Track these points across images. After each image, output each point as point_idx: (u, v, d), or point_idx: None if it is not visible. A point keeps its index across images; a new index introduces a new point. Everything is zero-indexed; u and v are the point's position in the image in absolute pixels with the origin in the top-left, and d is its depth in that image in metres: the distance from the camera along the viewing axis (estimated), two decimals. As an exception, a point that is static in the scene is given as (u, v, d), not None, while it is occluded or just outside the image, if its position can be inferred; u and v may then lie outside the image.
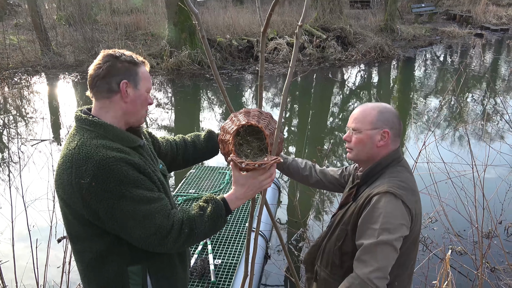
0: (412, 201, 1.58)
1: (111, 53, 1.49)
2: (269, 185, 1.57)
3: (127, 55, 1.51)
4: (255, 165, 1.47)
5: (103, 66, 1.46)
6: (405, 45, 14.19)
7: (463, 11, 18.94)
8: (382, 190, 1.57)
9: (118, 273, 1.51)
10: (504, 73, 10.88)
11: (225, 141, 1.58)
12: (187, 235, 1.46)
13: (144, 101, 1.54)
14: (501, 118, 6.56)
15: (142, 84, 1.52)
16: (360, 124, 1.68)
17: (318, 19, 14.39)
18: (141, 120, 1.58)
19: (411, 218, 1.57)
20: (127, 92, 1.48)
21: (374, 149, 1.68)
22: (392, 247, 1.53)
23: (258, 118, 1.56)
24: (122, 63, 1.48)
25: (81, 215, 1.41)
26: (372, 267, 1.52)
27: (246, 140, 1.62)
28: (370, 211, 1.57)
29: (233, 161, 1.50)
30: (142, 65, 1.55)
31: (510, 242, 3.73)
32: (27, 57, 11.82)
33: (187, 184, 4.04)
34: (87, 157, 1.36)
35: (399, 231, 1.53)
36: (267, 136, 1.53)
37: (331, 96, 9.50)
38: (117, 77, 1.47)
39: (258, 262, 3.07)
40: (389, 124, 1.66)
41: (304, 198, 4.53)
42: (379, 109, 1.68)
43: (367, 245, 1.54)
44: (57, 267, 3.41)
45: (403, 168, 1.69)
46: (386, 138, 1.66)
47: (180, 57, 11.12)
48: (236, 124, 1.56)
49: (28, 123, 7.68)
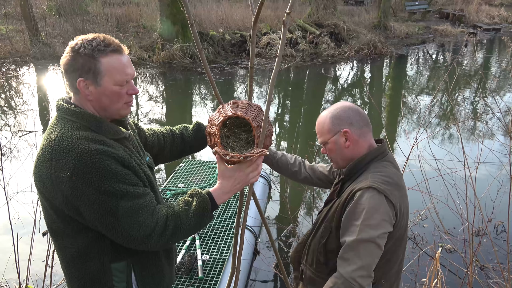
0: (397, 196, 1.54)
1: (73, 45, 1.35)
2: (255, 179, 1.52)
3: (93, 45, 1.34)
4: (240, 157, 1.41)
5: (64, 60, 1.36)
6: (398, 42, 14.22)
7: (456, 10, 19.02)
8: (364, 185, 1.53)
9: (100, 269, 1.45)
10: (496, 71, 10.95)
11: (212, 133, 1.53)
12: (172, 232, 1.40)
13: (114, 95, 1.39)
14: (492, 116, 6.59)
15: (106, 78, 1.36)
16: (323, 137, 1.68)
17: (312, 15, 14.35)
18: (121, 113, 1.46)
19: (395, 214, 1.52)
20: (89, 89, 1.37)
21: (346, 151, 1.65)
22: (375, 244, 1.48)
23: (246, 110, 1.51)
24: (81, 57, 1.33)
25: (61, 210, 1.35)
26: (355, 265, 1.48)
27: (233, 133, 1.58)
28: (353, 207, 1.53)
29: (217, 153, 1.45)
30: (110, 54, 1.36)
31: (499, 240, 3.73)
32: (16, 47, 11.63)
33: (176, 179, 3.99)
34: (68, 149, 1.29)
35: (382, 228, 1.48)
36: (254, 128, 1.48)
37: (323, 92, 9.47)
38: (74, 73, 1.35)
39: (247, 258, 3.02)
40: (345, 122, 1.63)
41: (295, 194, 4.50)
42: (330, 114, 1.66)
43: (349, 242, 1.50)
44: (42, 261, 3.34)
45: (388, 163, 1.65)
46: (349, 137, 1.62)
47: (172, 50, 11.01)
48: (223, 116, 1.51)
49: (16, 114, 7.54)
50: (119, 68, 1.38)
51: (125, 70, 1.39)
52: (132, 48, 10.98)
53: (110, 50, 1.36)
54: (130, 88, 1.44)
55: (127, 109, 1.47)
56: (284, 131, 7.03)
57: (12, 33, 12.72)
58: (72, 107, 1.38)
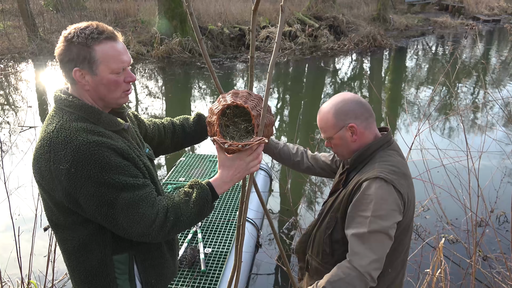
0: (404, 186, 1.52)
1: (66, 34, 1.33)
2: (256, 168, 1.50)
3: (86, 33, 1.31)
4: (239, 145, 1.40)
5: (58, 50, 1.33)
6: (398, 35, 14.14)
7: (456, 1, 18.91)
8: (372, 175, 1.50)
9: (102, 261, 1.44)
10: (496, 62, 10.90)
11: (211, 122, 1.51)
12: (173, 223, 1.38)
13: (112, 84, 1.37)
14: (494, 104, 6.56)
15: (102, 66, 1.33)
16: (327, 132, 1.65)
17: (311, 8, 14.27)
18: (119, 101, 1.43)
19: (403, 203, 1.50)
20: (85, 79, 1.35)
21: (352, 145, 1.62)
22: (386, 235, 1.47)
23: (246, 99, 1.48)
24: (75, 46, 1.31)
25: (61, 202, 1.34)
26: (369, 258, 1.46)
27: (233, 122, 1.55)
28: (360, 198, 1.50)
29: (215, 141, 1.43)
30: (104, 42, 1.34)
31: (502, 230, 3.73)
32: (14, 44, 11.56)
33: (177, 172, 3.97)
34: (66, 141, 1.27)
35: (392, 218, 1.47)
36: (254, 117, 1.46)
37: (323, 84, 9.43)
38: (70, 63, 1.33)
39: (249, 251, 3.02)
40: (351, 116, 1.59)
41: (296, 187, 4.48)
42: (333, 109, 1.61)
43: (359, 234, 1.47)
44: (44, 256, 3.33)
45: (394, 152, 1.62)
46: (356, 131, 1.59)
47: (170, 44, 10.95)
48: (222, 104, 1.49)
49: (15, 110, 7.51)
50: (115, 56, 1.35)
51: (120, 57, 1.37)
52: (130, 43, 10.92)
53: (103, 37, 1.33)
54: (128, 76, 1.41)
55: (125, 97, 1.44)
56: (284, 125, 7.00)
57: (10, 29, 12.64)
58: (70, 98, 1.36)
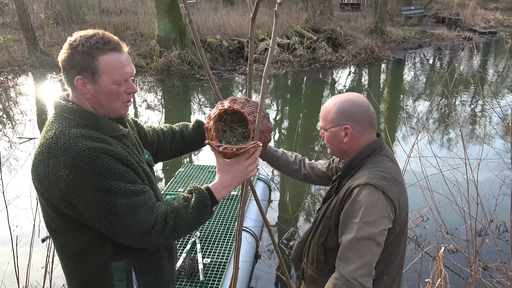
0: (395, 192, 1.50)
1: (71, 41, 1.33)
2: (254, 172, 1.51)
3: (91, 42, 1.32)
4: (233, 149, 1.41)
5: (62, 56, 1.34)
6: (395, 47, 14.27)
7: (452, 14, 19.14)
8: (362, 181, 1.50)
9: (100, 268, 1.43)
10: (494, 72, 10.97)
11: (208, 128, 1.53)
12: (172, 228, 1.38)
13: (113, 94, 1.37)
14: (492, 111, 6.59)
15: (104, 77, 1.34)
16: (324, 123, 1.65)
17: (309, 21, 14.40)
18: (119, 112, 1.44)
19: (393, 210, 1.49)
20: (87, 87, 1.35)
21: (342, 145, 1.62)
22: (374, 242, 1.45)
23: (243, 105, 1.50)
24: (79, 55, 1.31)
25: (60, 208, 1.33)
26: (355, 264, 1.44)
27: (230, 128, 1.57)
28: (351, 205, 1.49)
29: (210, 144, 1.44)
30: (109, 53, 1.34)
31: (501, 240, 3.71)
32: (14, 57, 11.63)
33: (175, 183, 3.96)
34: (65, 147, 1.27)
35: (381, 225, 1.45)
36: (250, 122, 1.47)
37: (321, 96, 9.48)
38: (73, 71, 1.33)
39: (248, 261, 3.00)
40: (350, 119, 1.58)
41: (295, 197, 4.47)
42: (338, 105, 1.60)
43: (348, 240, 1.47)
44: (41, 267, 3.30)
45: (386, 158, 1.61)
46: (349, 133, 1.58)
47: (170, 57, 11.03)
48: (219, 109, 1.51)
49: (14, 122, 7.52)
50: (118, 67, 1.36)
51: (123, 69, 1.38)
52: (130, 56, 10.95)
53: (109, 48, 1.34)
54: (129, 87, 1.42)
55: (125, 108, 1.45)
56: (283, 136, 7.02)
57: (10, 42, 12.73)
58: (69, 105, 1.37)
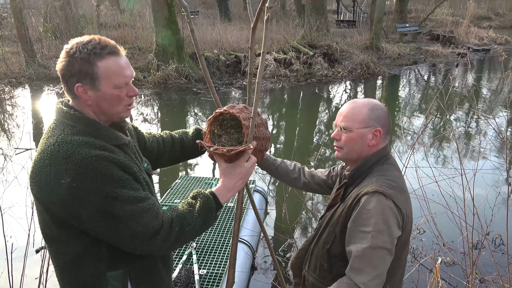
0: (402, 201, 1.51)
1: (68, 49, 1.32)
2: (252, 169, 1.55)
3: (88, 48, 1.31)
4: (224, 150, 1.43)
5: (60, 65, 1.33)
6: (391, 63, 14.43)
7: (446, 31, 19.43)
8: (371, 189, 1.49)
9: (95, 277, 1.41)
10: (488, 87, 11.09)
11: (204, 132, 1.55)
12: (177, 233, 1.37)
13: (115, 99, 1.37)
14: (487, 131, 6.64)
15: (104, 82, 1.33)
16: (351, 123, 1.59)
17: (305, 36, 14.57)
18: (121, 115, 1.44)
19: (402, 218, 1.50)
20: (88, 94, 1.35)
21: (364, 148, 1.60)
22: (387, 251, 1.45)
23: (240, 111, 1.53)
24: (77, 62, 1.30)
25: (58, 215, 1.32)
26: (370, 275, 1.44)
27: (227, 132, 1.59)
28: (360, 213, 1.48)
29: (201, 144, 1.46)
30: (107, 57, 1.33)
31: (498, 253, 3.71)
32: (11, 69, 11.66)
33: (172, 195, 3.95)
34: (68, 155, 1.26)
35: (393, 233, 1.45)
36: (245, 126, 1.49)
37: (317, 110, 9.54)
38: (72, 79, 1.32)
39: (244, 271, 2.98)
40: (381, 122, 1.59)
41: (292, 208, 4.46)
42: (370, 106, 1.59)
43: (361, 250, 1.45)
44: (35, 278, 3.26)
45: (391, 166, 1.62)
46: (377, 137, 1.59)
47: (167, 71, 11.10)
48: (215, 112, 1.54)
49: (10, 133, 7.50)
50: (117, 71, 1.35)
51: (123, 72, 1.37)
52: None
53: (106, 52, 1.33)
54: (130, 90, 1.41)
55: (127, 112, 1.45)
56: (280, 150, 7.03)
57: (8, 54, 12.77)
58: (71, 111, 1.36)
